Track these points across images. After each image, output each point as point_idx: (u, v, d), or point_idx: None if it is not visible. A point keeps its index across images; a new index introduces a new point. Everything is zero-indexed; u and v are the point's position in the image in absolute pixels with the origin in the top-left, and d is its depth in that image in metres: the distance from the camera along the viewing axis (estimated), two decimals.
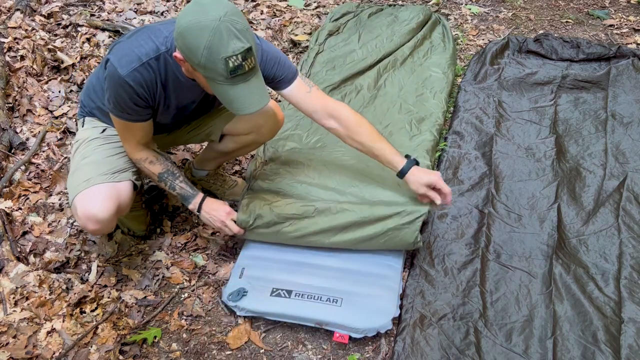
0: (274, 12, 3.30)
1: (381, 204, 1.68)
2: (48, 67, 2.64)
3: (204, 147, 2.11)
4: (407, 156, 1.64)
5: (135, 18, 3.09)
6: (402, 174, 1.61)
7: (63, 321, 1.58)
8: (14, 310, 1.58)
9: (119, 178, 1.57)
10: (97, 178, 1.53)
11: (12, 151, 2.16)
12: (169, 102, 1.50)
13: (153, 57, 1.36)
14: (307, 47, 2.84)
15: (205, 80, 1.29)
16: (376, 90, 2.38)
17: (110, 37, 2.88)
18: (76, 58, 2.66)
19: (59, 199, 1.98)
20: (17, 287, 1.63)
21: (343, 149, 1.81)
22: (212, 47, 1.18)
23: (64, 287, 1.68)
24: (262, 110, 1.44)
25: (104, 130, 1.64)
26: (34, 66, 2.57)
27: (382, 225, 1.62)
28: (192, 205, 1.66)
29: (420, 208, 1.63)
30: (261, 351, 1.58)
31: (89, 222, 1.50)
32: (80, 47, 2.79)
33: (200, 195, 1.66)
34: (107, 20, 3.05)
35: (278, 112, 1.78)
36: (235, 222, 1.69)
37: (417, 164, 1.64)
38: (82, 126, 1.67)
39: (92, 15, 3.10)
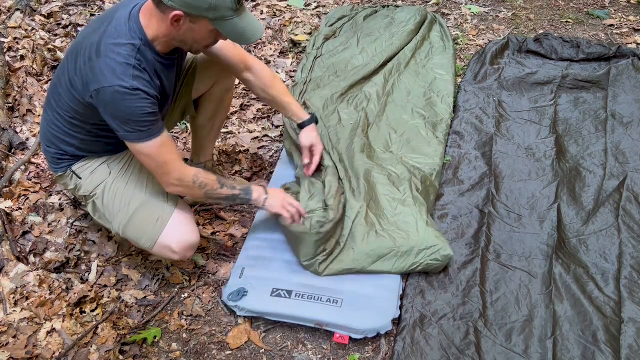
0: (274, 12, 3.30)
1: (414, 236, 1.71)
2: (48, 67, 2.64)
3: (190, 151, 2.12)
4: (311, 114, 1.88)
5: None
6: (302, 125, 1.85)
7: (63, 321, 1.58)
8: (14, 310, 1.58)
9: (175, 201, 1.60)
10: (164, 213, 1.55)
11: (12, 151, 2.16)
12: (164, 91, 1.48)
13: (136, 55, 1.33)
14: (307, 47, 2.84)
15: (212, 24, 1.29)
16: (385, 97, 2.38)
17: None
18: None
19: (59, 199, 1.98)
20: (17, 287, 1.63)
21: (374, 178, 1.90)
22: None
23: (64, 287, 1.68)
24: (212, 55, 1.65)
25: (110, 172, 1.58)
26: (34, 66, 2.57)
27: (417, 259, 1.68)
28: (257, 194, 1.62)
29: (447, 245, 1.69)
30: (261, 351, 1.58)
31: (188, 251, 1.58)
32: None
33: (257, 186, 1.66)
34: None
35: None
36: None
37: (317, 123, 1.90)
38: (80, 178, 1.58)
39: (92, 15, 3.10)
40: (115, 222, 1.56)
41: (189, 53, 1.69)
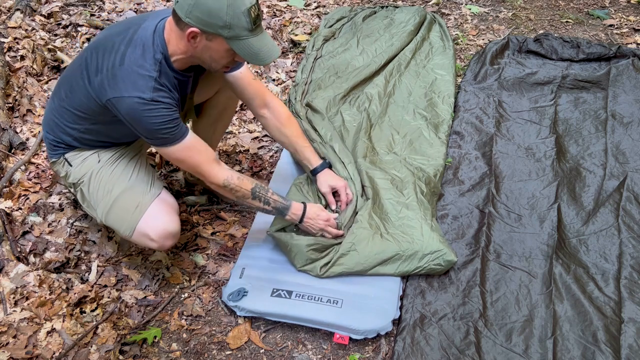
0: (274, 12, 3.30)
1: (418, 240, 1.70)
2: (48, 67, 2.64)
3: None
4: (322, 158, 1.86)
5: None
6: (315, 171, 1.81)
7: (63, 321, 1.58)
8: (14, 310, 1.58)
9: (157, 191, 1.60)
10: (143, 200, 1.55)
11: (12, 151, 2.16)
12: (180, 106, 1.51)
13: (158, 69, 1.36)
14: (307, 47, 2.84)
15: (227, 42, 1.31)
16: (387, 98, 2.38)
17: None
18: None
19: (59, 199, 1.98)
20: (17, 287, 1.63)
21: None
22: (233, 3, 1.26)
23: (64, 287, 1.68)
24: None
25: (99, 160, 1.59)
26: (34, 66, 2.57)
27: (420, 263, 1.67)
28: (290, 217, 1.65)
29: (450, 251, 1.69)
30: (261, 351, 1.58)
31: (167, 240, 1.56)
32: (80, 47, 2.80)
33: (297, 205, 1.66)
34: (107, 20, 3.05)
35: None
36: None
37: (330, 167, 1.85)
38: (70, 166, 1.60)
39: (92, 15, 3.10)
40: (99, 209, 1.58)
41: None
